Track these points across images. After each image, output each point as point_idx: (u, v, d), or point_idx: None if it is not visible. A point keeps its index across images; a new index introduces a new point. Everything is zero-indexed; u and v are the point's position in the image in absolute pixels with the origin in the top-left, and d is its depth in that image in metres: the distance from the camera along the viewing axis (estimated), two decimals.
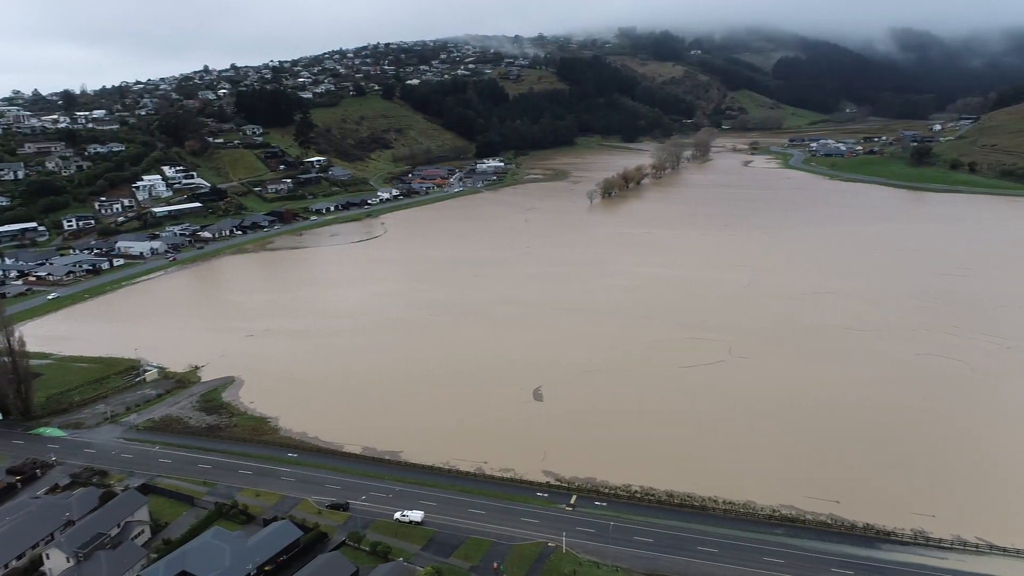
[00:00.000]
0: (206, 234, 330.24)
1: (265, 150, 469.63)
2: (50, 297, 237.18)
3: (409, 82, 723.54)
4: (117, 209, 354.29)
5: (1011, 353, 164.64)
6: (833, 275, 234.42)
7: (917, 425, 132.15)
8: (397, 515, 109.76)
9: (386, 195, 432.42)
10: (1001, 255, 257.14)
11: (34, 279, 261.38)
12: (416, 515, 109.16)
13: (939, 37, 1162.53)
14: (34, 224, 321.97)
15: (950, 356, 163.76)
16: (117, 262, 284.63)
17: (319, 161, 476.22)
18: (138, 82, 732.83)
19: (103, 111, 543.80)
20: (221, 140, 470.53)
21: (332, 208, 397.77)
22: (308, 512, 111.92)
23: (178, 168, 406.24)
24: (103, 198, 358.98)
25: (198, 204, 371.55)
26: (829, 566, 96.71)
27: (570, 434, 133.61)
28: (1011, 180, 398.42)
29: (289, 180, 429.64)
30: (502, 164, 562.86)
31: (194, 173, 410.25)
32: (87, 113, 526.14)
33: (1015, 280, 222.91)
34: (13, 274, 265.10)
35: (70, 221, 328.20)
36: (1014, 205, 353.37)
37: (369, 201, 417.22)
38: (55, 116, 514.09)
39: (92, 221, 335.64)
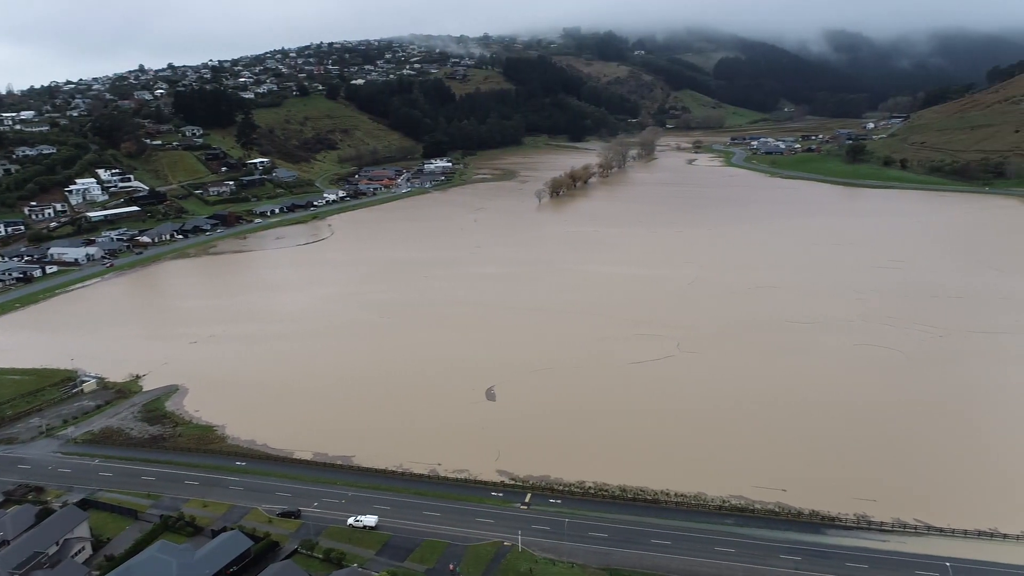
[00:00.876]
0: (145, 239, 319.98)
1: (206, 152, 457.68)
2: None
3: (354, 82, 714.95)
4: (49, 214, 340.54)
5: (943, 341, 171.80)
6: (775, 270, 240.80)
7: (857, 413, 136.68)
8: (351, 520, 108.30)
9: (332, 196, 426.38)
10: (931, 248, 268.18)
11: None
12: (370, 520, 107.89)
13: (869, 38, 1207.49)
14: None
15: (887, 346, 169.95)
16: (50, 269, 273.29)
17: (263, 163, 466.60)
18: (69, 82, 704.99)
19: (32, 112, 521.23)
20: (159, 142, 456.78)
21: (277, 210, 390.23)
22: (258, 521, 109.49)
23: (114, 171, 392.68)
24: (33, 203, 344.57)
25: (136, 208, 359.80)
26: (778, 553, 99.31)
27: (523, 433, 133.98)
28: (939, 176, 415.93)
29: (232, 182, 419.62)
30: (450, 164, 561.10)
31: (131, 176, 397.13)
32: (14, 114, 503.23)
33: (944, 272, 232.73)
34: None
35: None
36: (942, 200, 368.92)
37: (315, 203, 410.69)
38: None
39: (22, 227, 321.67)
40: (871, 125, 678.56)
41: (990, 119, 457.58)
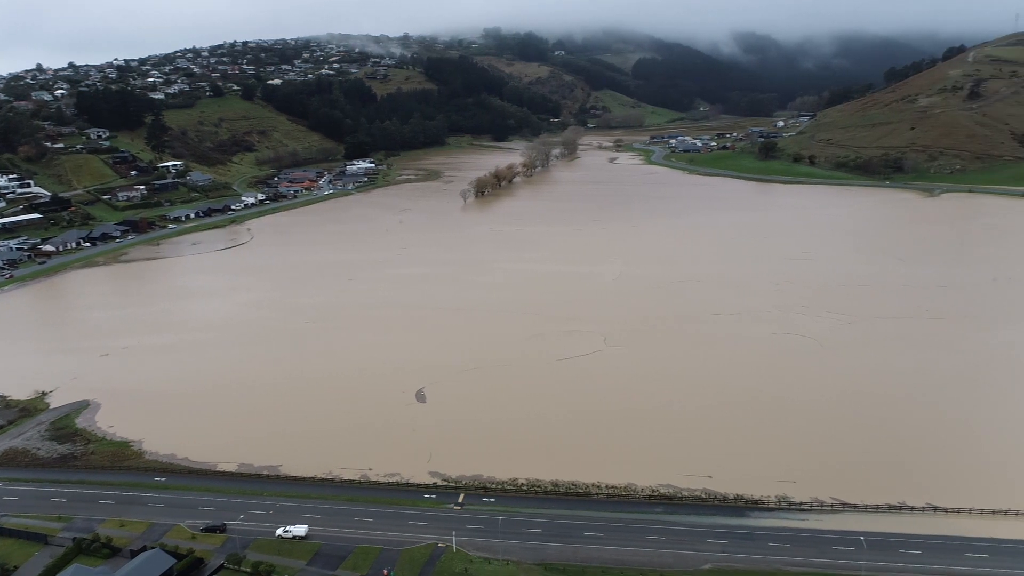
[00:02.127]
0: (48, 247, 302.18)
1: (113, 155, 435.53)
2: None
3: (271, 82, 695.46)
4: None
5: (852, 327, 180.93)
6: (697, 263, 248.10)
7: (775, 400, 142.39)
8: (279, 531, 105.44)
9: (251, 200, 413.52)
10: (838, 240, 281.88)
11: None
12: (300, 529, 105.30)
13: (776, 40, 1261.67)
14: None
15: (801, 334, 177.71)
16: None
17: (175, 166, 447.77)
18: None
19: None
20: (61, 145, 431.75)
21: (192, 215, 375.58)
22: (181, 538, 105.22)
23: (11, 176, 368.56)
24: None
25: (37, 215, 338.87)
26: (705, 537, 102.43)
27: (455, 433, 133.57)
28: (844, 171, 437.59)
29: (142, 187, 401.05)
30: (373, 165, 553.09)
31: (31, 181, 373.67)
32: None
33: (851, 262, 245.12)
34: None
35: None
36: (847, 194, 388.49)
37: (233, 207, 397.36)
38: None
39: None
40: (781, 123, 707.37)
41: (888, 117, 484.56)
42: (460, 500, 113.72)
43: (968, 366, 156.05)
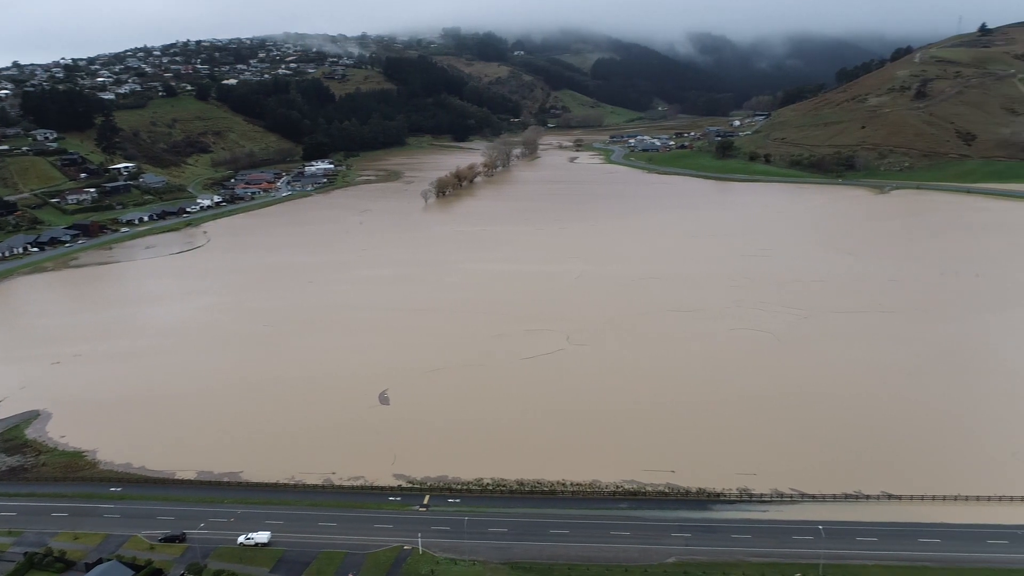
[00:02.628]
0: None
1: (61, 157, 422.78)
2: None
3: (226, 82, 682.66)
4: None
5: (807, 322, 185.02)
6: (657, 261, 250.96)
7: (735, 394, 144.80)
8: (241, 539, 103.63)
9: (207, 202, 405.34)
10: (794, 236, 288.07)
11: None
12: (262, 536, 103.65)
13: (731, 41, 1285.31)
14: None
15: (759, 329, 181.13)
16: None
17: (127, 168, 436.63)
18: None
19: None
20: (6, 147, 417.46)
21: (146, 218, 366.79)
22: (139, 549, 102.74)
23: None
24: None
25: None
26: (669, 531, 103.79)
27: (419, 435, 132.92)
28: (799, 169, 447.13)
29: (93, 189, 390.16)
30: (332, 166, 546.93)
31: None
32: None
33: (806, 258, 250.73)
34: None
35: None
36: (802, 191, 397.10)
37: (188, 209, 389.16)
38: None
39: None
40: (737, 123, 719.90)
41: (840, 116, 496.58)
42: (425, 502, 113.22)
43: (919, 358, 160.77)
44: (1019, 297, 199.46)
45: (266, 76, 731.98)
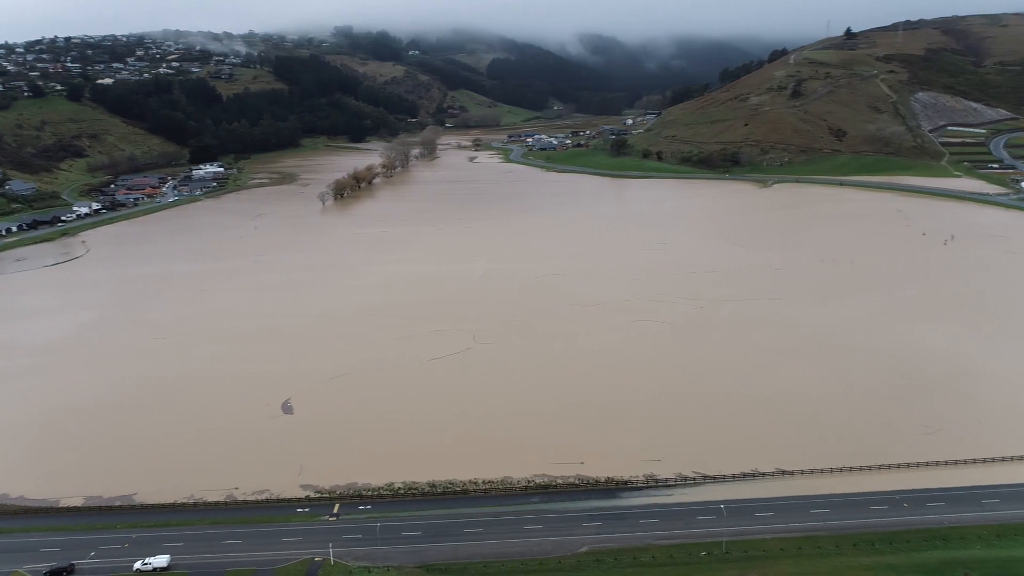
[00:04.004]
0: None
1: None
2: None
3: (101, 82, 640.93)
4: None
5: (702, 312, 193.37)
6: (558, 258, 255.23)
7: (637, 383, 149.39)
8: (137, 565, 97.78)
9: (85, 210, 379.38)
10: (687, 230, 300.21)
11: None
12: (161, 560, 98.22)
13: (621, 42, 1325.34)
14: None
15: (658, 320, 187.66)
16: None
17: None
18: None
19: None
20: None
21: (14, 228, 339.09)
22: None
23: None
24: None
25: None
26: (581, 521, 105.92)
27: (326, 443, 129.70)
28: (689, 165, 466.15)
29: None
30: (222, 169, 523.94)
31: None
32: None
33: (699, 250, 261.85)
34: None
35: None
36: (692, 186, 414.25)
37: (64, 218, 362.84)
38: None
39: None
40: (630, 121, 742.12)
41: (725, 115, 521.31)
42: (335, 511, 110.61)
43: (805, 340, 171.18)
44: (890, 281, 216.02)
45: (146, 75, 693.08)
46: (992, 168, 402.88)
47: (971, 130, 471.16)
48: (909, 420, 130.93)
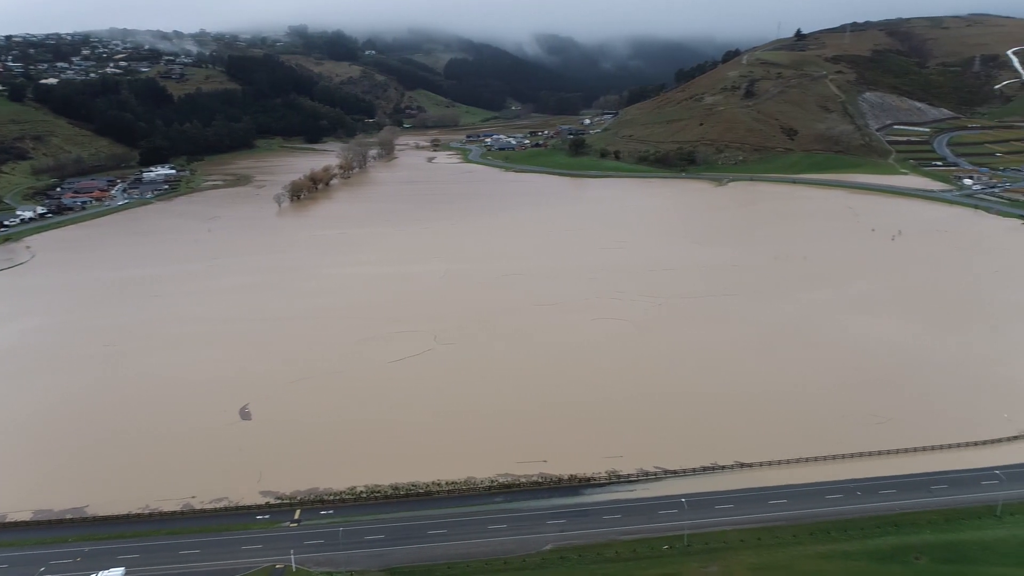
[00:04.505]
0: None
1: None
2: None
3: (45, 81, 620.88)
4: None
5: (661, 309, 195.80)
6: (518, 258, 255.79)
7: (598, 380, 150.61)
8: None
9: (29, 214, 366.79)
10: (645, 228, 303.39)
11: None
12: (115, 573, 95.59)
13: (577, 42, 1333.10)
14: None
15: (617, 317, 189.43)
16: None
17: None
18: None
19: None
20: None
21: None
22: None
23: None
24: None
25: None
26: (544, 519, 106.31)
27: (286, 447, 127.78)
28: (646, 164, 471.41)
29: None
30: (174, 171, 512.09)
31: None
32: None
33: (656, 248, 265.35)
34: None
35: None
36: (650, 185, 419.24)
37: (6, 223, 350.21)
38: None
39: None
40: (588, 121, 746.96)
41: (680, 114, 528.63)
42: (296, 517, 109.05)
43: (761, 335, 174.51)
44: (841, 276, 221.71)
45: (93, 75, 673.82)
46: (936, 166, 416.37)
47: (916, 129, 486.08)
48: (861, 411, 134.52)
